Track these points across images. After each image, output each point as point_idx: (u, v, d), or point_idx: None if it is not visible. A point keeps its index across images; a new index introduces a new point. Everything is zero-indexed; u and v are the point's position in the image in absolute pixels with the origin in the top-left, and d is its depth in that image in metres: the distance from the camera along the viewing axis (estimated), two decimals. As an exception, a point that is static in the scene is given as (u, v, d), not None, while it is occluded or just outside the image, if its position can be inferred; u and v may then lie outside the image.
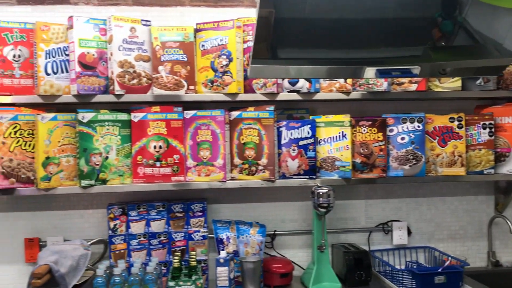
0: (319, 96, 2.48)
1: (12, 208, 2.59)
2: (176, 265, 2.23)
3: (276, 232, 2.73)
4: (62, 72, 2.37)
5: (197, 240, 2.54)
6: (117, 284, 2.15)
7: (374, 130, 2.49)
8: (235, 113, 2.51)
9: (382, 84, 2.50)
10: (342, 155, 2.46)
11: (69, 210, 2.62)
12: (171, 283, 2.17)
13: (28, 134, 2.36)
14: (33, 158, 2.36)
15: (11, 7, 2.56)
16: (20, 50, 2.36)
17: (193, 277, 2.21)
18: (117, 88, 2.36)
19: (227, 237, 2.56)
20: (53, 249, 2.21)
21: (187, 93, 2.46)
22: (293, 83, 2.47)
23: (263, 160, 2.46)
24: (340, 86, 2.50)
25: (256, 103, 2.53)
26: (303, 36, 1.89)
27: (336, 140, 2.48)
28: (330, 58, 1.97)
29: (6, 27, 2.33)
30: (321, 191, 2.36)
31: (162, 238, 2.52)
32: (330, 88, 2.50)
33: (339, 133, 2.46)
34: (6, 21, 2.34)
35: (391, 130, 2.53)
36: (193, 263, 2.25)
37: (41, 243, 2.57)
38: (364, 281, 2.52)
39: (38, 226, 2.61)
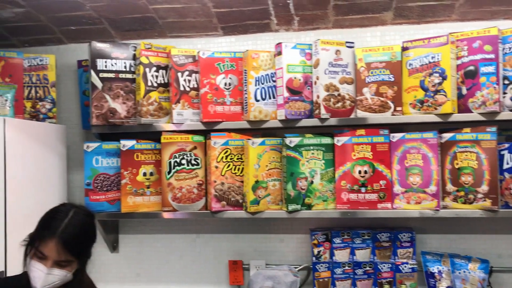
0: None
1: (218, 230, 2.69)
2: (393, 299, 2.09)
3: (493, 268, 2.42)
4: (270, 98, 2.41)
5: (405, 272, 2.36)
6: (331, 315, 2.07)
7: None
8: (447, 135, 2.30)
9: None
10: None
11: (270, 233, 2.64)
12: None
13: (237, 159, 2.43)
14: (241, 181, 2.43)
15: (217, 38, 2.71)
16: (230, 78, 2.47)
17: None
18: (323, 111, 2.33)
19: (439, 271, 2.34)
20: (265, 274, 2.22)
21: (393, 115, 2.34)
22: (518, 101, 2.20)
23: (483, 187, 2.20)
24: None
25: (470, 124, 2.30)
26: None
27: None
28: None
29: (218, 57, 2.46)
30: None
31: (368, 268, 2.39)
32: None
33: None
34: (219, 52, 2.46)
35: None
36: (411, 299, 2.09)
37: (244, 266, 2.62)
38: None
39: (240, 249, 2.66)
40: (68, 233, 1.53)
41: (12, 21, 2.58)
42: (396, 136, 2.34)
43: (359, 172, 2.35)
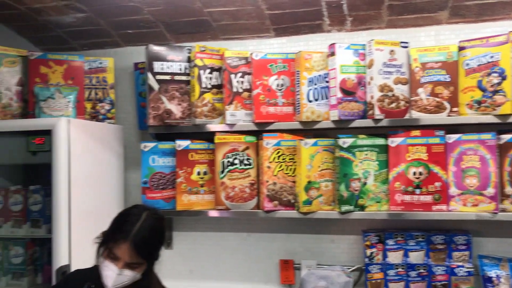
0: None
1: (269, 229, 2.72)
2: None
3: (554, 274, 2.34)
4: (322, 98, 2.42)
5: (461, 276, 2.32)
6: (385, 317, 2.07)
7: None
8: (506, 137, 2.24)
9: None
10: None
11: (321, 234, 2.65)
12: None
13: (289, 159, 2.46)
14: (293, 182, 2.45)
15: (268, 40, 2.74)
16: (282, 79, 2.49)
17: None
18: (377, 112, 2.32)
19: (497, 275, 2.28)
20: (318, 274, 2.23)
21: (449, 115, 2.30)
22: None
23: (545, 190, 2.14)
24: None
25: (529, 125, 2.23)
26: None
27: None
28: None
29: (271, 58, 2.48)
30: None
31: (421, 271, 2.36)
32: None
33: None
34: (271, 53, 2.49)
35: None
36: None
37: (295, 266, 2.64)
38: None
39: (291, 248, 2.68)
40: (140, 238, 1.59)
41: (73, 25, 2.70)
42: (452, 137, 2.30)
43: (414, 173, 2.32)
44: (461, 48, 2.32)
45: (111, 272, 1.58)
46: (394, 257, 2.41)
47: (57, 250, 2.21)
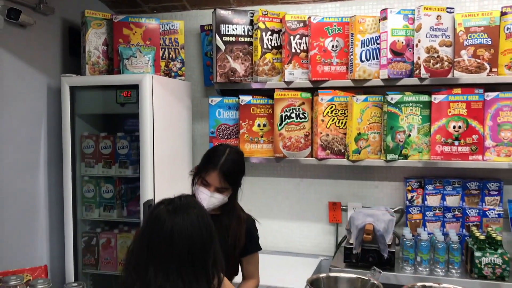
0: None
1: (319, 176, 3.07)
2: (482, 237, 2.37)
3: None
4: (373, 59, 2.70)
5: (492, 217, 2.63)
6: (424, 248, 2.41)
7: None
8: (540, 95, 2.50)
9: None
10: None
11: (366, 180, 2.99)
12: (478, 253, 2.33)
13: (341, 114, 2.77)
14: (344, 134, 2.77)
15: (323, 4, 3.01)
16: (337, 41, 2.77)
17: (499, 251, 2.32)
18: (423, 72, 2.59)
19: (524, 217, 2.60)
20: (365, 212, 2.58)
21: (489, 75, 2.55)
22: None
23: None
24: None
25: None
26: None
27: None
28: None
29: (327, 22, 2.76)
30: None
31: (456, 213, 2.68)
32: None
33: None
34: (327, 17, 2.77)
35: None
36: (499, 237, 2.36)
37: (342, 207, 3.00)
38: None
39: (339, 192, 3.04)
40: (226, 167, 1.95)
41: (146, -10, 3.02)
42: (490, 95, 2.57)
43: (454, 127, 2.61)
44: (503, 14, 2.54)
45: (205, 195, 1.95)
46: (433, 201, 2.73)
47: (144, 187, 2.62)
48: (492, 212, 2.64)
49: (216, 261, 1.39)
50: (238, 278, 2.15)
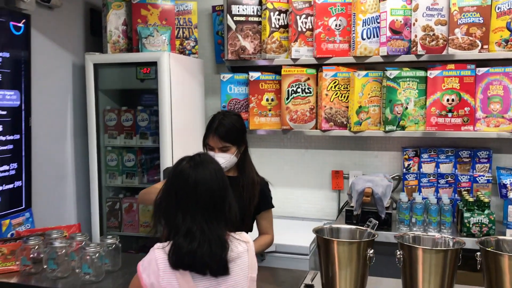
0: None
1: (322, 146, 3.31)
2: (471, 199, 2.62)
3: (559, 184, 2.87)
4: (374, 37, 2.91)
5: (481, 183, 2.88)
6: (418, 209, 2.66)
7: None
8: (527, 70, 2.71)
9: None
10: None
11: (367, 150, 3.23)
12: (467, 214, 2.57)
13: (344, 88, 2.99)
14: (346, 107, 3.00)
15: (327, -14, 3.20)
16: (340, 20, 2.98)
17: (486, 212, 2.57)
18: (419, 49, 2.80)
19: (510, 182, 2.83)
20: (365, 178, 2.82)
21: (480, 52, 2.76)
22: None
23: (556, 114, 2.63)
24: None
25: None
26: None
27: None
28: None
29: (331, 2, 2.96)
30: None
31: (449, 179, 2.93)
32: None
33: None
34: (331, -2, 2.97)
35: None
36: (486, 200, 2.61)
37: (344, 175, 3.25)
38: None
39: (341, 162, 3.28)
40: (221, 128, 2.15)
41: (162, -27, 3.21)
42: (481, 70, 2.78)
43: (447, 100, 2.83)
44: (494, -6, 2.74)
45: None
46: (427, 168, 2.98)
47: (163, 155, 2.88)
48: (482, 178, 2.88)
49: (231, 208, 1.63)
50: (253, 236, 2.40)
